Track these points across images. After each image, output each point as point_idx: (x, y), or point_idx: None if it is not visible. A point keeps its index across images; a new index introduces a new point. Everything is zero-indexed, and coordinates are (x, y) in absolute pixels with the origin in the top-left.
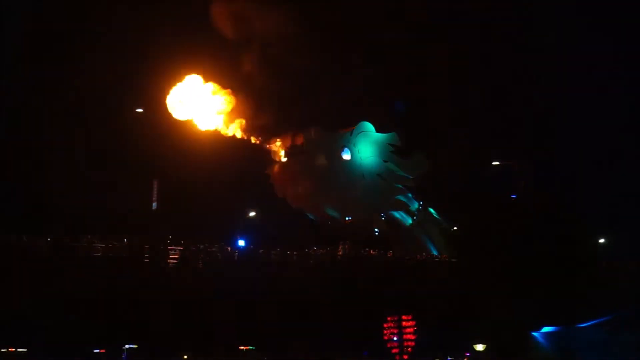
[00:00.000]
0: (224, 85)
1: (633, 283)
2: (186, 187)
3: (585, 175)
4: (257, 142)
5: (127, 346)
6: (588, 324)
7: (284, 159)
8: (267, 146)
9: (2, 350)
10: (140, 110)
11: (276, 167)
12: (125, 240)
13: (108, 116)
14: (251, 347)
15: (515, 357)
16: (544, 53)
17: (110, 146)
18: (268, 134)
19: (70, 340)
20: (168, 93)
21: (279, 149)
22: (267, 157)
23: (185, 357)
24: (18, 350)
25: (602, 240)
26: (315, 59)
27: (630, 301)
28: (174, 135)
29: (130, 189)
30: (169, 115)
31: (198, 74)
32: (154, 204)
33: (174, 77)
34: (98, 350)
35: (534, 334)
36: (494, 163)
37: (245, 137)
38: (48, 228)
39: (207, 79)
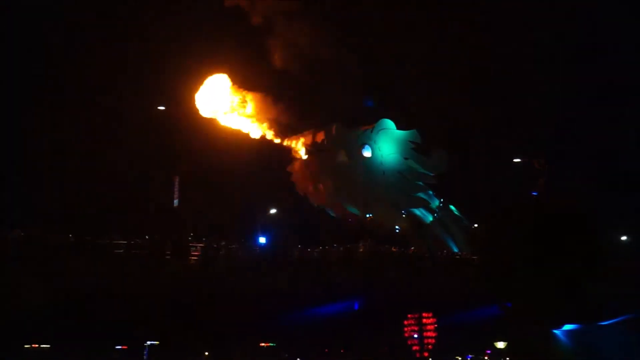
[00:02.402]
0: (248, 83)
1: None
2: (207, 185)
3: (606, 173)
4: (279, 140)
5: (148, 343)
6: (611, 321)
7: (304, 157)
8: (289, 144)
9: (26, 346)
10: (162, 108)
11: (297, 165)
12: (147, 237)
13: (130, 114)
14: (272, 344)
15: (536, 354)
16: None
17: (132, 144)
18: (289, 132)
19: (92, 337)
20: (192, 91)
21: (300, 147)
22: (289, 154)
23: (207, 353)
24: (41, 346)
25: (624, 238)
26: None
27: None
28: (196, 133)
29: (153, 186)
30: (192, 113)
31: (223, 72)
32: (176, 201)
33: (198, 75)
34: (120, 347)
35: (555, 331)
36: (514, 160)
37: (268, 138)
38: (70, 226)
39: (232, 77)
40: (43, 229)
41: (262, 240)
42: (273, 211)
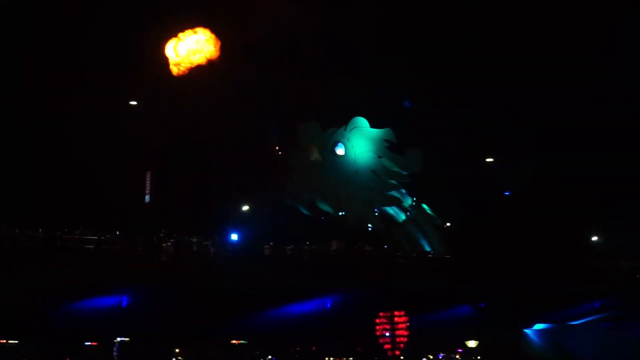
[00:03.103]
0: None
1: (626, 281)
2: (179, 181)
3: (580, 174)
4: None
5: (118, 339)
6: (582, 321)
7: (279, 153)
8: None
9: None
10: (134, 102)
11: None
12: (117, 233)
13: (100, 108)
14: (243, 342)
15: (508, 353)
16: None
17: (103, 139)
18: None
19: (61, 333)
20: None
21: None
22: (262, 151)
23: (177, 350)
24: (9, 342)
25: (595, 239)
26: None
27: (623, 298)
28: (168, 129)
29: (123, 182)
30: (163, 108)
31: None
32: (147, 197)
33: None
34: (90, 344)
35: (526, 331)
36: (487, 160)
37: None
38: (41, 222)
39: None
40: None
41: (235, 237)
42: (245, 208)
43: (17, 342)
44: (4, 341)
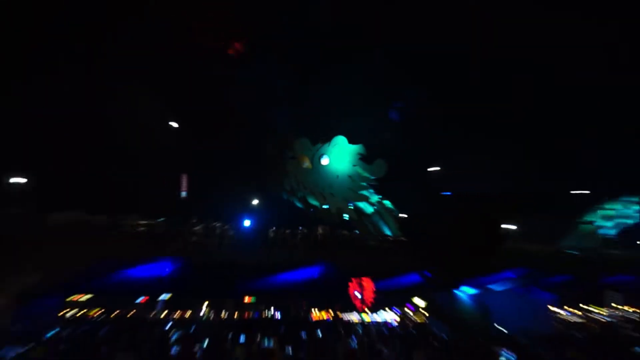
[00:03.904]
0: None
1: (531, 258)
2: (207, 182)
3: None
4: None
5: (162, 297)
6: (501, 288)
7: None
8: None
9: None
10: (174, 123)
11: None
12: (161, 219)
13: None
14: (253, 299)
15: (445, 311)
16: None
17: (154, 150)
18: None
19: (121, 291)
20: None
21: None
22: (267, 158)
23: (206, 303)
24: (85, 296)
25: (514, 227)
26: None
27: (529, 271)
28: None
29: (167, 183)
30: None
31: None
32: (184, 193)
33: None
34: (139, 300)
35: (459, 294)
36: (430, 169)
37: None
38: (106, 210)
39: None
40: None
41: (247, 223)
42: (255, 202)
43: (90, 296)
44: (82, 296)
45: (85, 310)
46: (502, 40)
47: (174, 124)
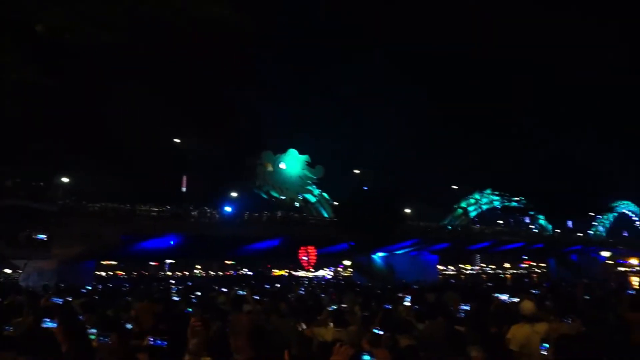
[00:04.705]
0: None
1: (422, 231)
2: (199, 181)
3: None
4: None
5: (167, 261)
6: (400, 251)
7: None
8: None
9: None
10: (177, 140)
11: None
12: (167, 207)
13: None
14: (233, 262)
15: (365, 268)
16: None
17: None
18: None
19: (138, 257)
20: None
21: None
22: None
23: (198, 266)
24: (110, 262)
25: (408, 211)
26: None
27: (420, 240)
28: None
29: (173, 181)
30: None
31: None
32: (184, 188)
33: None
34: (153, 263)
35: (374, 256)
36: (355, 171)
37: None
38: (127, 200)
39: None
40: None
41: (228, 209)
42: (234, 194)
43: (115, 263)
44: (108, 262)
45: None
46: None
47: (177, 140)
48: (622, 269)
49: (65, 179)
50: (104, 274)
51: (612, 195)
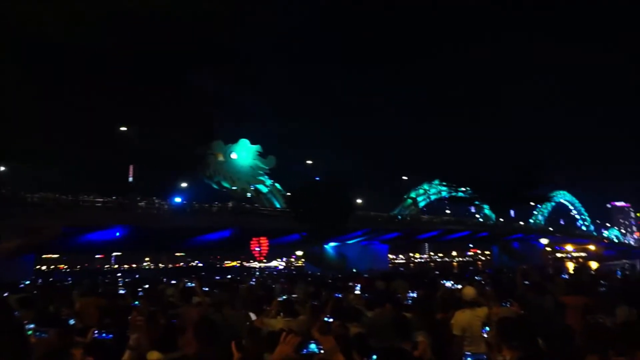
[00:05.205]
0: None
1: (372, 220)
2: (149, 171)
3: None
4: None
5: (114, 253)
6: (352, 241)
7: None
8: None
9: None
10: (124, 128)
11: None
12: (114, 197)
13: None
14: (182, 254)
15: (317, 258)
16: None
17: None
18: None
19: (84, 250)
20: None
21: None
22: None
23: (147, 258)
24: (52, 256)
25: (360, 201)
26: None
27: (371, 229)
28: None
29: (120, 171)
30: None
31: None
32: (131, 178)
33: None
34: (99, 256)
35: (326, 246)
36: (307, 161)
37: None
38: (70, 191)
39: None
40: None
41: (178, 200)
42: (184, 185)
43: (57, 256)
44: (50, 255)
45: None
46: None
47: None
48: (559, 255)
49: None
50: (44, 267)
51: (550, 185)
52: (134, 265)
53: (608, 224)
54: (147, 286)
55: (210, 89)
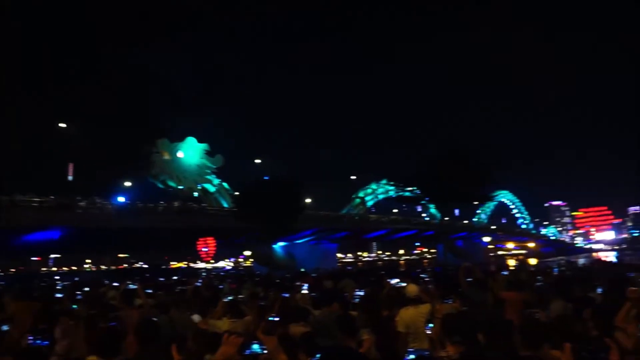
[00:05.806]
0: None
1: (321, 220)
2: (90, 169)
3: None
4: None
5: (52, 255)
6: (300, 240)
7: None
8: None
9: None
10: (63, 125)
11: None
12: (52, 197)
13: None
14: (127, 255)
15: (265, 259)
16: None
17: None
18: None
19: (21, 252)
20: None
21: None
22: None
23: (88, 260)
24: None
25: (309, 200)
26: None
27: (319, 229)
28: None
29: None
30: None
31: None
32: (70, 177)
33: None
34: (35, 258)
35: (274, 246)
36: (256, 160)
37: None
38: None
39: None
40: None
41: (121, 199)
42: (128, 184)
43: None
44: None
45: None
46: None
47: (63, 125)
48: (501, 252)
49: None
50: None
51: (492, 185)
52: (74, 268)
53: (546, 222)
54: (87, 289)
55: (155, 85)
